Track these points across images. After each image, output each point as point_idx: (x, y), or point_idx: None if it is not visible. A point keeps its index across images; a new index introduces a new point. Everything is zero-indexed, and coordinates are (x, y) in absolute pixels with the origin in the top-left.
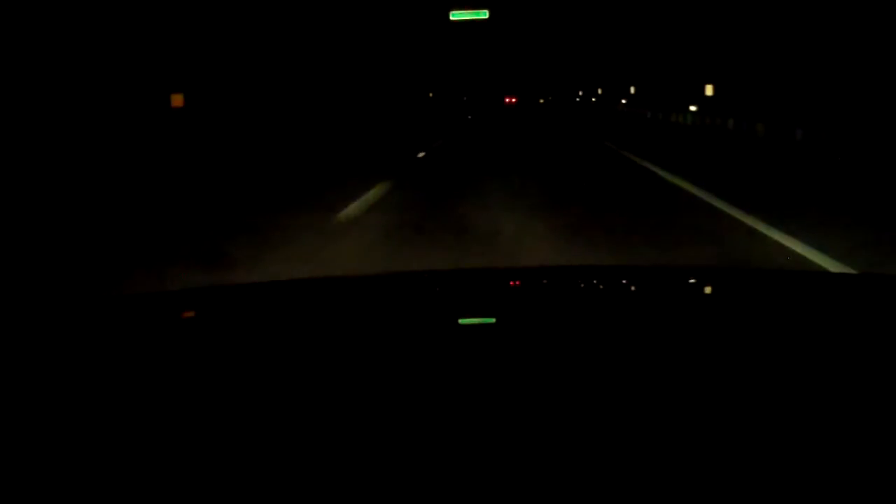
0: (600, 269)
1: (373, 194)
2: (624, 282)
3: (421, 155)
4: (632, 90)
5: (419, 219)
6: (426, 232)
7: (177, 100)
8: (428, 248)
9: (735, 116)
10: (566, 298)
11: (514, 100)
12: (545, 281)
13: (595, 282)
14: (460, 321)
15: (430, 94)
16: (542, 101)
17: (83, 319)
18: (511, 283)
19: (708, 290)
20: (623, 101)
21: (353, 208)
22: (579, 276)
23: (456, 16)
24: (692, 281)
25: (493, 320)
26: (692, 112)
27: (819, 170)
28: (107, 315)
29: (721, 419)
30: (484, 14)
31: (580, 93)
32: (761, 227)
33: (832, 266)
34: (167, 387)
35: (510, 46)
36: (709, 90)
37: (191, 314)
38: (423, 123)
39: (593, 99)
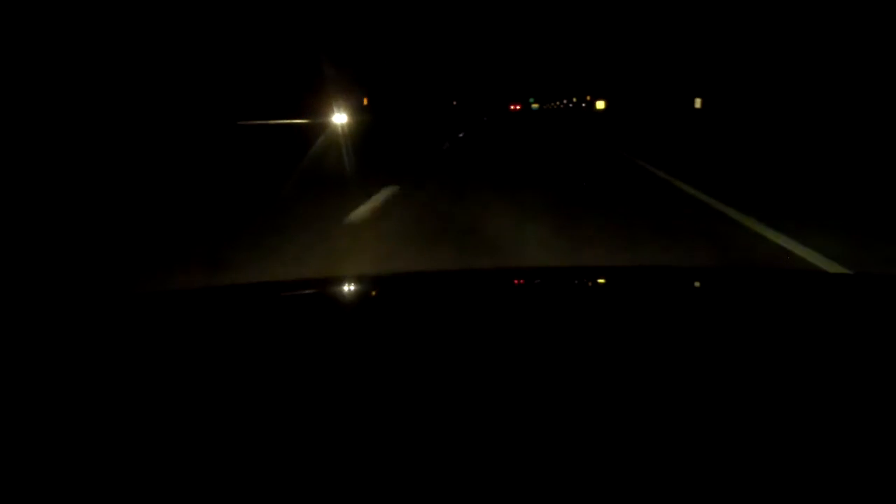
0: (601, 269)
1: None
2: (623, 282)
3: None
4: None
5: None
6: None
7: None
8: None
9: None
10: (566, 299)
11: (518, 107)
12: (545, 282)
13: (596, 282)
14: (459, 322)
15: (454, 102)
16: (549, 106)
17: (81, 319)
18: (510, 283)
19: (707, 290)
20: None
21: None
22: (580, 276)
23: None
24: (691, 281)
25: (491, 321)
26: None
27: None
28: (106, 315)
29: (720, 420)
30: None
31: (588, 98)
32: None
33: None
34: (167, 387)
35: (516, 56)
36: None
37: (190, 314)
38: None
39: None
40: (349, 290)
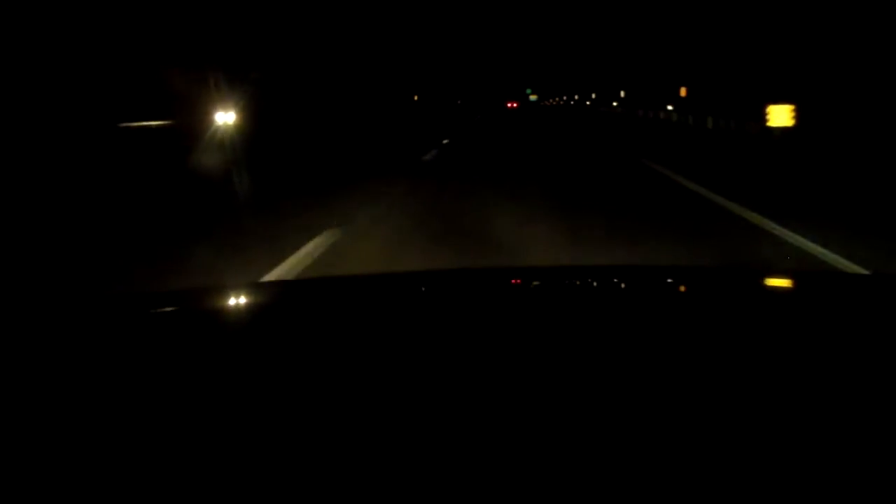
0: (602, 269)
1: None
2: (627, 282)
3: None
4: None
5: None
6: None
7: None
8: None
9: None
10: (565, 300)
11: (516, 104)
12: (544, 282)
13: (596, 282)
14: (458, 322)
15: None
16: (545, 103)
17: (80, 319)
18: (509, 283)
19: (721, 291)
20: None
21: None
22: (579, 276)
23: None
24: (705, 282)
25: (491, 322)
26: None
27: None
28: (105, 315)
29: (726, 422)
30: None
31: (576, 97)
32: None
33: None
34: (165, 387)
35: (513, 55)
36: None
37: (189, 314)
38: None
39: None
40: (348, 290)
